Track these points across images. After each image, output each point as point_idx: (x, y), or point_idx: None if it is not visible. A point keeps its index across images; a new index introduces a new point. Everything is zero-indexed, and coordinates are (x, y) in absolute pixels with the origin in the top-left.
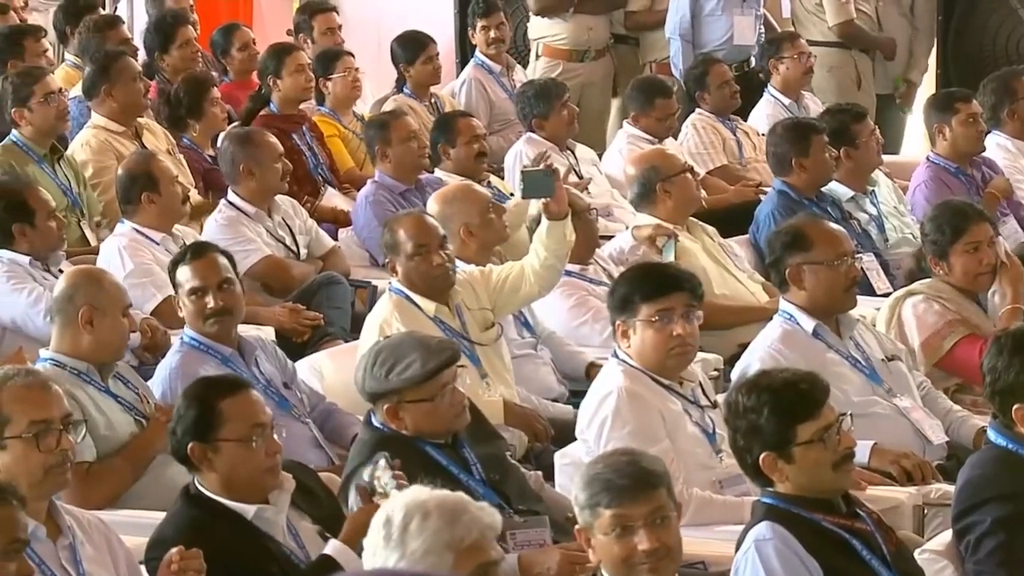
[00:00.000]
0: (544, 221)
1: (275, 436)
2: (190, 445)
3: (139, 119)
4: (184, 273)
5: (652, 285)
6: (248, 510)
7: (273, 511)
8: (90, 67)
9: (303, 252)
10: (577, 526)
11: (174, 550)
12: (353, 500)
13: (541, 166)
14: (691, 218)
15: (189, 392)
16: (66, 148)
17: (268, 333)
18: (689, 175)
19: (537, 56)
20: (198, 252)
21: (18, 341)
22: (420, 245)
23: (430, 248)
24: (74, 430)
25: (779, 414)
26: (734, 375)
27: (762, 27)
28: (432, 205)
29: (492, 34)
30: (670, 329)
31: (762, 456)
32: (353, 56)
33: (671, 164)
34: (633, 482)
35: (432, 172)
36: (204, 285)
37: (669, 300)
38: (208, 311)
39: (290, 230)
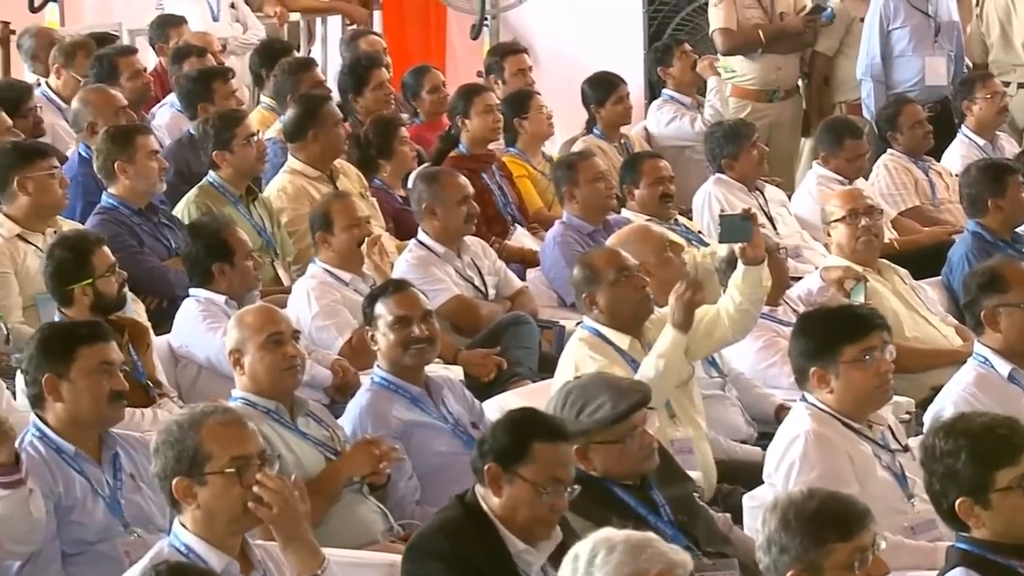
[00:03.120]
0: (740, 266)
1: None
2: (490, 465)
3: (335, 163)
4: (385, 306)
5: (853, 325)
6: (517, 544)
7: (535, 556)
8: (295, 110)
9: (491, 292)
10: (791, 573)
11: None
12: None
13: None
14: (882, 260)
15: (514, 420)
16: (260, 189)
17: (456, 373)
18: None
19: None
20: (399, 286)
21: (212, 380)
22: (622, 270)
23: (631, 273)
24: (269, 466)
25: (977, 459)
26: (927, 419)
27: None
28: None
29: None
30: (877, 366)
31: (958, 502)
32: (541, 95)
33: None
34: (862, 513)
35: (619, 213)
36: (409, 315)
37: (871, 338)
38: (412, 339)
39: (479, 270)
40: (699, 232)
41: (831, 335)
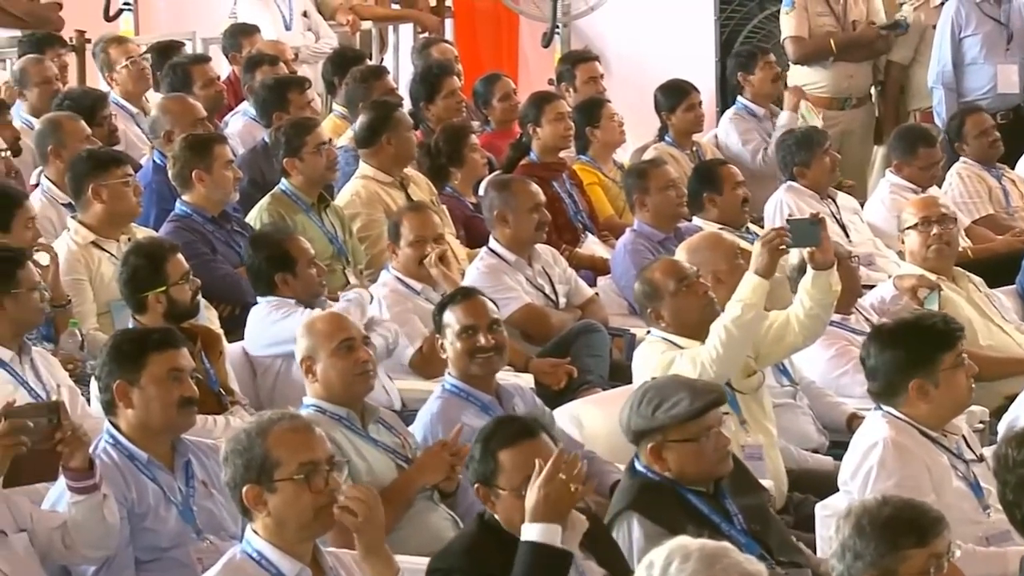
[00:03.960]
0: (809, 271)
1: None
2: (476, 486)
3: (404, 170)
4: (453, 314)
5: (945, 333)
6: None
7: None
8: (367, 116)
9: (562, 301)
10: None
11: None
12: None
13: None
14: (956, 268)
15: (480, 438)
16: (332, 197)
17: (527, 381)
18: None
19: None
20: (467, 294)
21: (289, 387)
22: (681, 280)
23: (691, 281)
24: (339, 471)
25: None
26: (1000, 428)
27: None
28: (680, 254)
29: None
30: (967, 371)
31: None
32: (612, 103)
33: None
34: (937, 519)
35: (691, 220)
36: (476, 324)
37: (960, 344)
38: (479, 348)
39: (549, 278)
40: None
41: (928, 344)
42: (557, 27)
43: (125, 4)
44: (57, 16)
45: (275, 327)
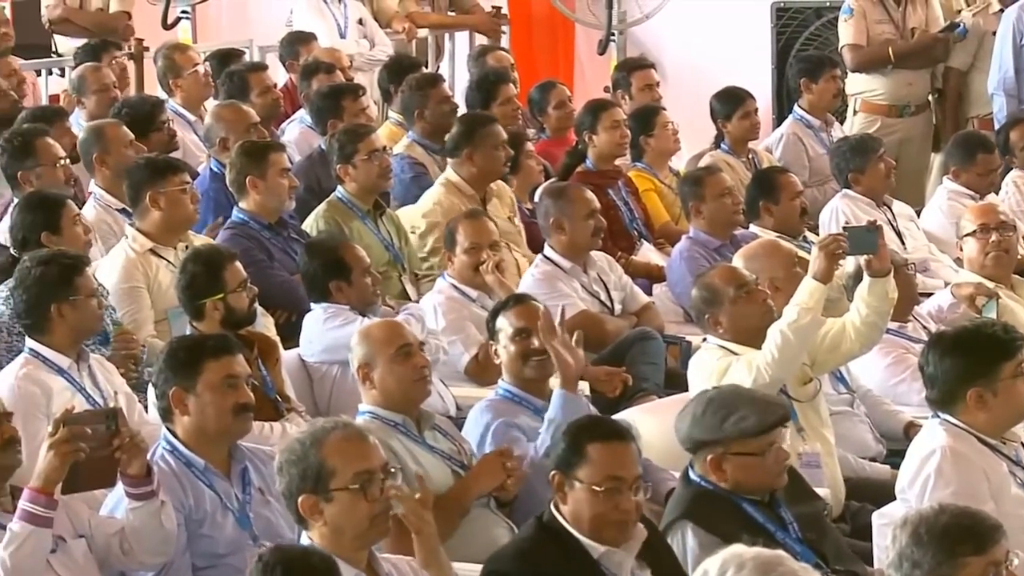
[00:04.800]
0: (866, 278)
1: (633, 495)
2: (554, 473)
3: (492, 185)
4: (506, 318)
5: (1005, 342)
6: (597, 548)
7: (621, 555)
8: (457, 128)
9: (617, 308)
10: None
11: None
12: None
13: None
14: (1016, 276)
15: (573, 426)
16: (388, 204)
17: (582, 388)
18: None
19: (855, 112)
20: (520, 299)
21: (346, 394)
22: (740, 286)
23: (750, 288)
24: (393, 478)
25: None
26: None
27: None
28: (737, 261)
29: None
30: None
31: None
32: (667, 111)
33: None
34: (995, 527)
35: (747, 228)
36: (529, 327)
37: (1020, 353)
38: (532, 350)
39: (605, 285)
40: None
41: (988, 353)
42: (613, 34)
43: (183, 12)
44: (125, 26)
45: (330, 335)
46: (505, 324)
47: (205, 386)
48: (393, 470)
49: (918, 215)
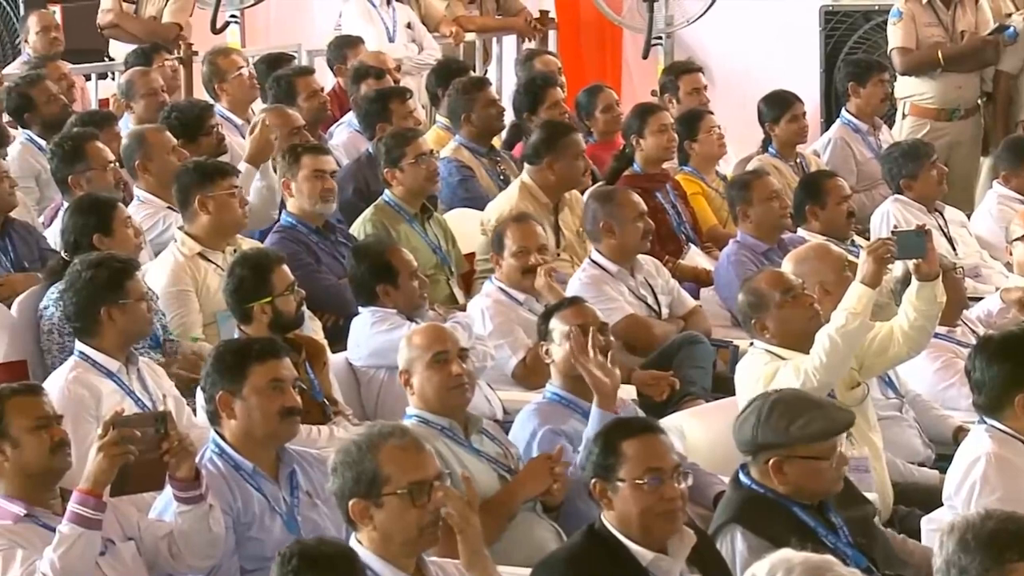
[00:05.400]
0: (914, 282)
1: (676, 484)
2: (594, 481)
3: (567, 194)
4: (561, 318)
5: None
6: (645, 556)
7: (669, 561)
8: (537, 135)
9: (665, 311)
10: None
11: None
12: None
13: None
14: None
15: (600, 431)
16: (436, 207)
17: (629, 392)
18: None
19: (903, 115)
20: (574, 301)
21: (393, 397)
22: (787, 291)
23: (797, 292)
24: (441, 483)
25: None
26: None
27: None
28: (787, 265)
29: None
30: None
31: None
32: (714, 115)
33: None
34: None
35: (795, 232)
36: (584, 324)
37: None
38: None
39: (652, 289)
40: None
41: None
42: (660, 38)
43: (232, 17)
44: (176, 36)
45: (377, 339)
46: (559, 323)
47: (251, 390)
48: (443, 473)
49: (969, 218)
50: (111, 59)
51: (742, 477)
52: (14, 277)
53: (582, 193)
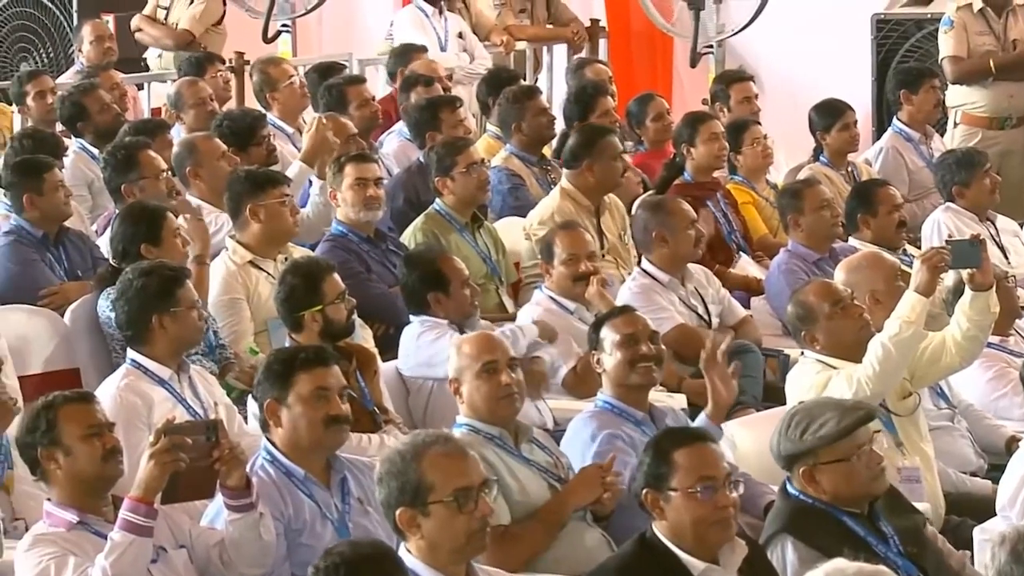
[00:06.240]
0: (968, 292)
1: (729, 492)
2: (645, 491)
3: (606, 198)
4: (613, 327)
5: None
6: (697, 566)
7: (720, 572)
8: (574, 138)
9: (715, 321)
10: None
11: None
12: None
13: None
14: None
15: (652, 441)
16: (486, 216)
17: (680, 401)
18: None
19: (955, 124)
20: (625, 309)
21: (442, 406)
22: (836, 302)
23: (846, 303)
24: (489, 492)
25: None
26: None
27: None
28: (839, 273)
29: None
30: None
31: None
32: (761, 124)
33: None
34: None
35: (846, 241)
36: (636, 333)
37: None
38: (640, 355)
39: (702, 299)
40: None
41: None
42: (711, 47)
43: (284, 26)
44: (188, 43)
45: (424, 350)
46: (611, 332)
47: (296, 398)
48: (491, 480)
49: (1022, 227)
50: (144, 63)
51: (789, 487)
52: (68, 285)
53: (632, 202)
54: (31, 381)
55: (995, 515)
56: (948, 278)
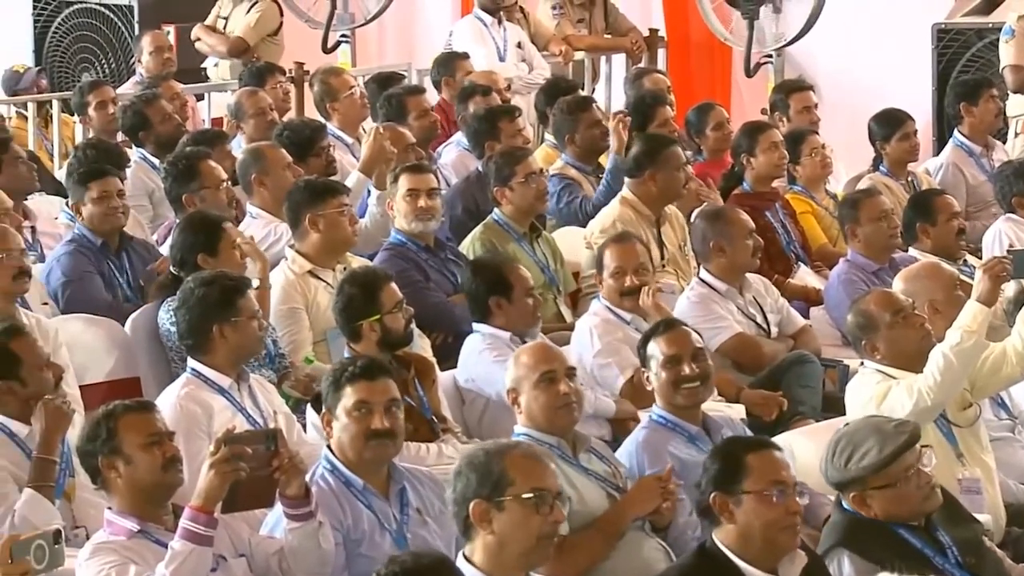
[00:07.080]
0: None
1: (797, 499)
2: (714, 495)
3: (667, 208)
4: (658, 345)
5: None
6: None
7: None
8: (637, 147)
9: (774, 330)
10: None
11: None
12: None
13: None
14: None
15: (718, 447)
16: (544, 226)
17: (738, 411)
18: None
19: (1016, 134)
20: (670, 325)
21: (498, 416)
22: (897, 312)
23: (907, 313)
24: (561, 504)
25: None
26: None
27: None
28: (897, 283)
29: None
30: None
31: None
32: (819, 134)
33: None
34: None
35: (906, 251)
36: (679, 353)
37: None
38: (683, 377)
39: (761, 308)
40: None
41: None
42: (770, 56)
43: (343, 36)
44: (242, 52)
45: (481, 367)
46: (656, 351)
47: (342, 410)
48: (563, 496)
49: None
50: (204, 74)
51: (843, 502)
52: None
53: (691, 212)
54: (92, 390)
55: None
56: (1009, 288)
